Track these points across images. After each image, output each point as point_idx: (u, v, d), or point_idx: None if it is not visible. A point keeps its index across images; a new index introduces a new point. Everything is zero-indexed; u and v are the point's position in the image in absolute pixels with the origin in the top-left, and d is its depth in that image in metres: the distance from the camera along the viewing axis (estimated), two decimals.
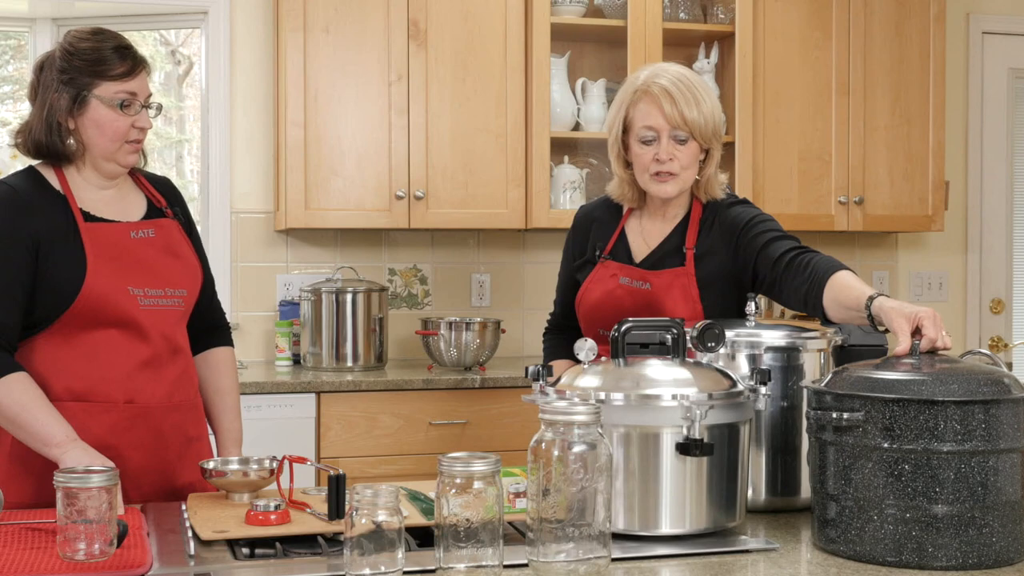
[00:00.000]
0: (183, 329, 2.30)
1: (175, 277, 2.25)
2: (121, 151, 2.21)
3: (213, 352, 2.42)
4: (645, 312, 2.36)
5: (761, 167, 4.23)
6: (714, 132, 2.33)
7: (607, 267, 2.45)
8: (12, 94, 4.56)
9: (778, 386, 1.99)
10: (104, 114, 2.17)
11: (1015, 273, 5.04)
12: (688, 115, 2.29)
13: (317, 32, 3.90)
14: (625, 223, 2.48)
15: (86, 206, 2.21)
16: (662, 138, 2.31)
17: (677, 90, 2.30)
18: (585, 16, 4.14)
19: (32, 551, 1.69)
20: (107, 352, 2.17)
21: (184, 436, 2.27)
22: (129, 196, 2.29)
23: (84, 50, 2.17)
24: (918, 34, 4.41)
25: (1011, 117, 4.97)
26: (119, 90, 2.18)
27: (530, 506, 1.58)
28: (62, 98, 2.17)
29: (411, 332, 4.21)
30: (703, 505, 1.77)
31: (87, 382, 2.16)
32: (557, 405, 1.61)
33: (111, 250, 2.17)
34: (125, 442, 2.18)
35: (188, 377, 2.30)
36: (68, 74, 2.16)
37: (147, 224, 2.25)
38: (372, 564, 1.50)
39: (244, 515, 1.87)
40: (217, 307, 2.46)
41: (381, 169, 3.95)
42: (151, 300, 2.20)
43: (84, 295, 2.12)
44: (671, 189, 2.34)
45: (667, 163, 2.31)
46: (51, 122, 2.17)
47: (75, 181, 2.22)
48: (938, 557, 1.63)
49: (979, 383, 1.65)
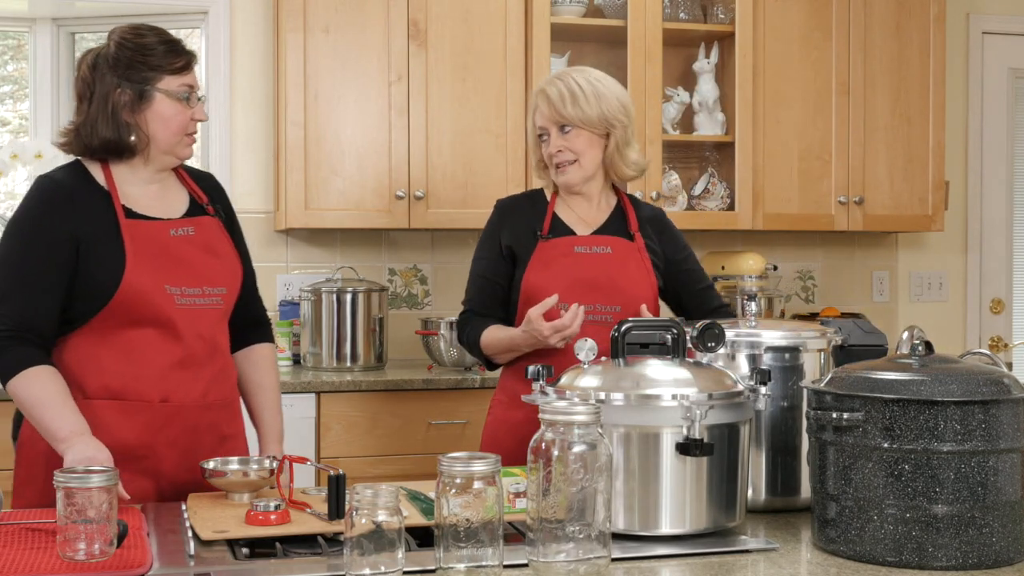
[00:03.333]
0: (223, 328, 2.31)
1: (213, 275, 2.25)
2: (181, 143, 2.24)
3: (254, 349, 2.43)
4: (603, 279, 2.48)
5: (761, 167, 4.23)
6: (601, 119, 2.51)
7: (553, 243, 2.55)
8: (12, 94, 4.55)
9: (778, 386, 1.99)
10: (168, 107, 2.20)
11: (1015, 273, 5.04)
12: (564, 111, 2.50)
13: (317, 32, 3.90)
14: (554, 207, 2.61)
15: (128, 202, 2.21)
16: (551, 134, 2.53)
17: (556, 91, 2.51)
18: (585, 16, 4.14)
19: (32, 551, 1.69)
20: (142, 350, 2.18)
21: (218, 435, 2.28)
22: (172, 192, 2.30)
23: (145, 45, 2.19)
24: (918, 34, 4.41)
25: (1011, 117, 4.97)
26: (181, 83, 2.22)
27: (530, 506, 1.58)
28: (124, 94, 2.18)
29: (411, 332, 4.21)
30: (703, 505, 1.77)
31: (122, 380, 2.17)
32: (557, 405, 1.61)
33: (150, 248, 2.18)
34: (160, 440, 2.20)
35: (225, 376, 2.31)
36: (130, 69, 2.18)
37: (187, 222, 2.26)
38: (372, 564, 1.50)
39: (244, 515, 1.87)
40: (258, 304, 2.47)
41: (381, 169, 3.95)
42: (188, 299, 2.20)
43: (122, 292, 2.13)
44: (571, 177, 2.54)
45: (557, 155, 2.52)
46: (117, 118, 2.18)
47: (122, 175, 2.23)
48: (938, 557, 1.63)
49: (979, 383, 1.65)
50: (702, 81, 4.27)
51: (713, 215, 4.23)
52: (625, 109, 2.55)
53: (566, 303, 2.42)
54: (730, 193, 4.23)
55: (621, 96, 2.56)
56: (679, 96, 4.26)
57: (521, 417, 2.44)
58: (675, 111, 4.26)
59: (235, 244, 2.35)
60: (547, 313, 2.39)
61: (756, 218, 4.22)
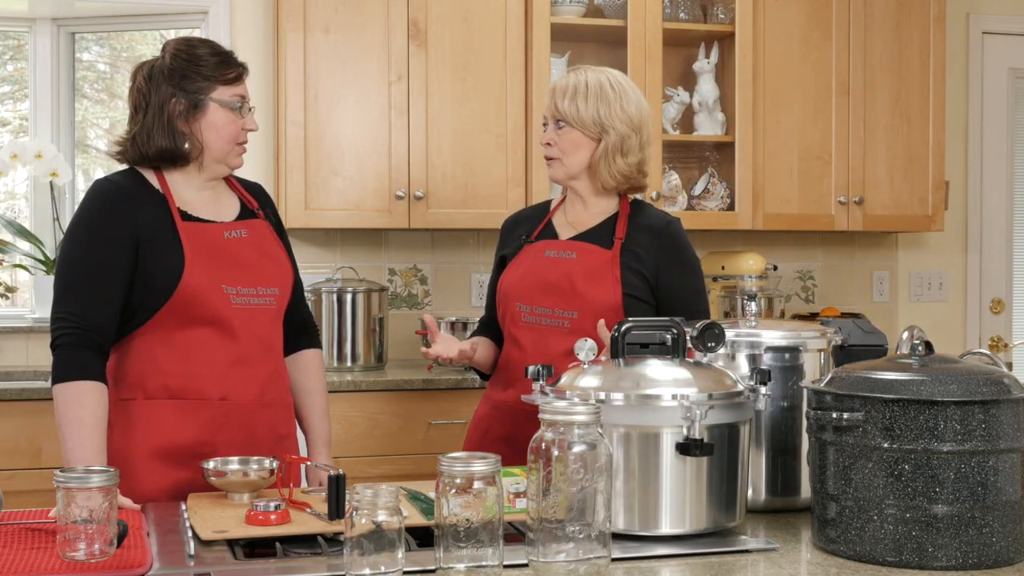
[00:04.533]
0: (277, 327, 2.35)
1: (267, 276, 2.30)
2: (232, 152, 2.30)
3: (302, 354, 2.47)
4: (565, 283, 2.43)
5: (761, 167, 4.23)
6: (595, 122, 2.46)
7: (533, 247, 2.55)
8: (12, 94, 4.55)
9: (778, 386, 1.99)
10: (222, 116, 2.26)
11: (1015, 273, 5.04)
12: (560, 105, 2.47)
13: (317, 32, 3.90)
14: (552, 216, 2.60)
15: (183, 206, 2.27)
16: (549, 125, 2.52)
17: (563, 84, 2.49)
18: (585, 16, 4.14)
19: (32, 551, 1.69)
20: (200, 350, 2.22)
21: (275, 434, 2.32)
22: (224, 198, 2.35)
23: (199, 56, 2.26)
24: (918, 34, 4.41)
25: (1011, 117, 4.97)
26: (233, 94, 2.28)
27: (530, 506, 1.58)
28: (179, 103, 2.24)
29: (411, 332, 4.21)
30: (703, 505, 1.77)
31: (181, 380, 2.21)
32: (557, 405, 1.61)
33: (206, 248, 2.23)
34: (219, 439, 2.23)
35: (279, 375, 2.35)
36: (184, 80, 2.24)
37: (240, 224, 2.32)
38: (372, 564, 1.50)
39: (244, 515, 1.87)
40: (305, 309, 2.51)
41: (381, 169, 3.95)
42: (243, 299, 2.25)
43: (180, 292, 2.18)
44: (554, 172, 2.52)
45: (546, 148, 2.51)
46: (172, 127, 2.24)
47: (175, 181, 2.29)
48: (938, 557, 1.63)
49: (979, 383, 1.65)
50: (702, 81, 4.27)
51: (713, 215, 4.23)
52: (630, 120, 2.46)
53: (534, 304, 2.46)
54: (730, 193, 4.23)
55: (631, 106, 2.47)
56: (679, 96, 4.26)
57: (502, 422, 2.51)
58: (675, 111, 4.26)
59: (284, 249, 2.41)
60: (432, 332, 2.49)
61: (756, 218, 4.22)
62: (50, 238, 4.19)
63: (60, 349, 2.16)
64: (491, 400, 2.58)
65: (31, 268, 4.18)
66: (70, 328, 2.15)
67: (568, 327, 2.39)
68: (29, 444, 3.44)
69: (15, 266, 4.20)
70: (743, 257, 4.24)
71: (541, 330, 2.44)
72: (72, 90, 4.36)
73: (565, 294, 2.43)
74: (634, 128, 2.47)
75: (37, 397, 3.41)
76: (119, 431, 2.20)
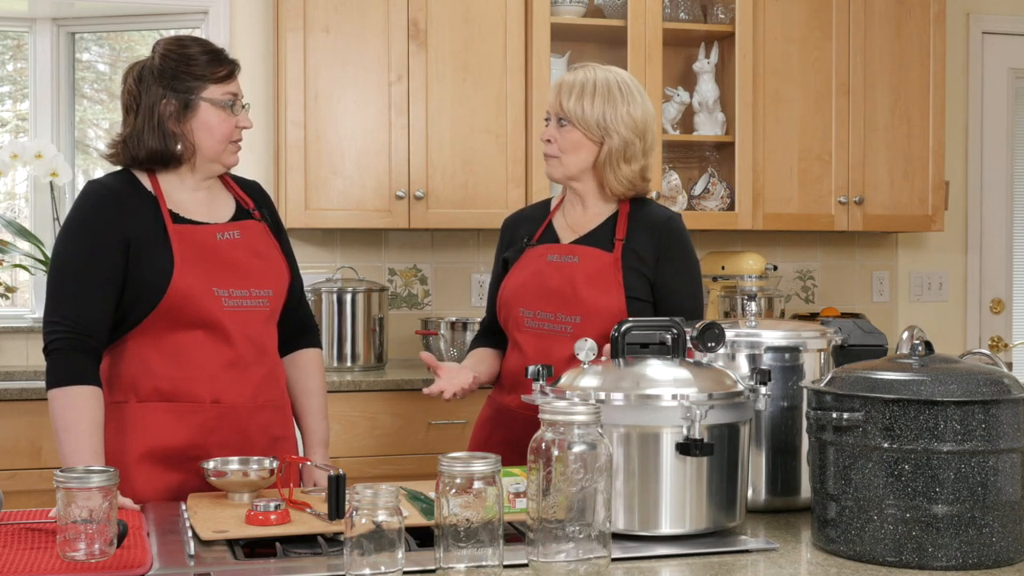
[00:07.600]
0: (271, 330, 2.34)
1: (260, 278, 2.28)
2: (226, 151, 2.28)
3: (301, 353, 2.46)
4: (567, 288, 2.41)
5: (761, 167, 4.23)
6: (599, 124, 2.43)
7: (535, 250, 2.52)
8: (12, 94, 4.55)
9: (778, 386, 1.99)
10: (214, 116, 2.24)
11: (1015, 273, 5.04)
12: (564, 102, 2.44)
13: (317, 32, 3.90)
14: (552, 217, 2.57)
15: (175, 207, 2.26)
16: (551, 122, 2.48)
17: (570, 80, 2.45)
18: (585, 16, 4.14)
19: (32, 551, 1.69)
20: (193, 353, 2.21)
21: (270, 436, 2.30)
22: (219, 198, 2.34)
23: (189, 55, 2.24)
24: (918, 34, 4.41)
25: (1011, 117, 4.97)
26: (225, 92, 2.26)
27: (530, 506, 1.58)
28: (170, 104, 2.22)
29: (411, 332, 4.21)
30: (703, 505, 1.77)
31: (174, 383, 2.21)
32: (557, 405, 1.61)
33: (198, 251, 2.22)
34: (212, 442, 2.22)
35: (274, 377, 2.33)
36: (175, 80, 2.22)
37: (234, 226, 2.30)
38: (372, 564, 1.50)
39: (244, 515, 1.87)
40: (305, 308, 2.50)
41: (381, 169, 3.95)
42: (236, 301, 2.24)
43: (171, 295, 2.17)
44: (552, 171, 2.50)
45: (546, 145, 2.48)
46: (163, 129, 2.22)
47: (168, 183, 2.27)
48: (938, 557, 1.63)
49: (979, 383, 1.65)
50: (702, 81, 4.27)
51: (713, 215, 4.23)
52: (635, 125, 2.43)
53: (536, 309, 2.45)
54: (730, 193, 4.23)
55: (636, 111, 2.44)
56: (679, 96, 4.26)
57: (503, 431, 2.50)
58: (675, 111, 4.26)
59: (282, 250, 2.39)
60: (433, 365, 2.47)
61: (756, 218, 4.22)
62: (50, 238, 4.19)
63: (54, 354, 2.15)
64: (495, 404, 2.58)
65: (31, 268, 4.18)
66: (63, 332, 2.14)
67: (571, 332, 2.38)
68: (29, 444, 3.44)
69: (15, 266, 4.19)
70: (743, 257, 4.24)
71: (544, 335, 2.43)
72: (72, 90, 4.36)
73: (567, 299, 2.41)
74: (638, 134, 2.44)
75: (37, 397, 3.41)
76: (112, 434, 2.19)
